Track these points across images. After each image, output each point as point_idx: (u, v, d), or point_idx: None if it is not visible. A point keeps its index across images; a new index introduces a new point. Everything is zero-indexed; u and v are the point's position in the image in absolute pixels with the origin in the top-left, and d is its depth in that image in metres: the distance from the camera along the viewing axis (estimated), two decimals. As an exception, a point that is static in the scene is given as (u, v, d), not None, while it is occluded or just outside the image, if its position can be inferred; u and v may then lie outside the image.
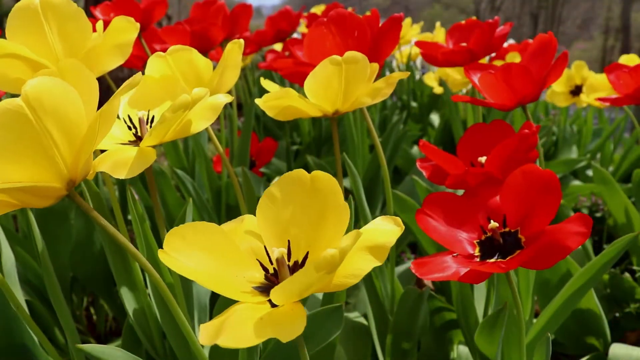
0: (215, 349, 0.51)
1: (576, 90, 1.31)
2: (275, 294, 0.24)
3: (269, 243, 0.30)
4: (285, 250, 0.29)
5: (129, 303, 0.53)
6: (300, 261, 0.29)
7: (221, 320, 0.25)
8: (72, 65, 0.30)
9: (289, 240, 0.30)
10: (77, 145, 0.28)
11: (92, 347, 0.36)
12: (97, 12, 0.80)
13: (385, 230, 0.27)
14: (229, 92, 0.54)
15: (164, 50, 0.49)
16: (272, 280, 0.29)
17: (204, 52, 0.86)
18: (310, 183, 0.30)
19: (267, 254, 0.30)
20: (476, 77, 0.55)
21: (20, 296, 0.47)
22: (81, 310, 0.81)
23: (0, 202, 0.28)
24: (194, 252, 0.28)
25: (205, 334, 0.24)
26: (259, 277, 0.29)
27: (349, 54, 0.44)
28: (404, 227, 0.28)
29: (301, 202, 0.30)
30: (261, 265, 0.30)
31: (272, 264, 0.29)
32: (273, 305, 0.26)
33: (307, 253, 0.29)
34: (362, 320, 0.65)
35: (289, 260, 0.29)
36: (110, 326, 0.85)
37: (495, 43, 0.71)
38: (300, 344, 0.28)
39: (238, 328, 0.24)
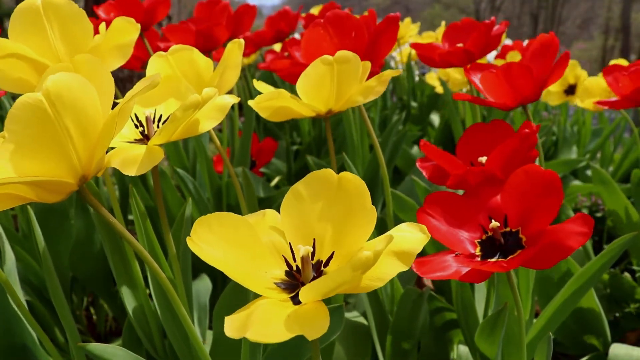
0: (216, 348, 0.52)
1: (570, 89, 1.31)
2: (306, 291, 0.24)
3: (292, 240, 0.30)
4: (311, 249, 0.29)
5: (129, 302, 0.53)
6: (324, 260, 0.29)
7: (246, 314, 0.25)
8: (87, 60, 0.31)
9: (314, 239, 0.30)
10: (92, 142, 0.29)
11: (94, 346, 0.36)
12: (100, 12, 0.80)
13: (412, 237, 0.28)
14: (231, 92, 0.54)
15: (167, 49, 0.49)
16: (294, 277, 0.29)
17: (208, 51, 0.86)
18: (338, 183, 0.30)
19: (291, 251, 0.30)
20: (477, 78, 0.55)
21: (20, 296, 0.47)
22: (81, 310, 0.81)
23: (11, 195, 0.28)
24: (220, 242, 0.28)
25: (232, 327, 0.24)
26: (280, 273, 0.29)
27: (340, 53, 0.44)
28: (430, 235, 0.28)
29: (327, 202, 0.30)
30: (286, 261, 0.30)
31: (295, 261, 0.30)
32: (295, 303, 0.26)
33: (333, 253, 0.29)
34: (362, 320, 0.65)
35: (312, 259, 0.29)
36: (110, 326, 0.85)
37: (492, 42, 0.71)
38: (314, 341, 0.28)
39: (265, 323, 0.24)
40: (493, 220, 0.38)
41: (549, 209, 0.36)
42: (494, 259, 0.37)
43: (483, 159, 0.48)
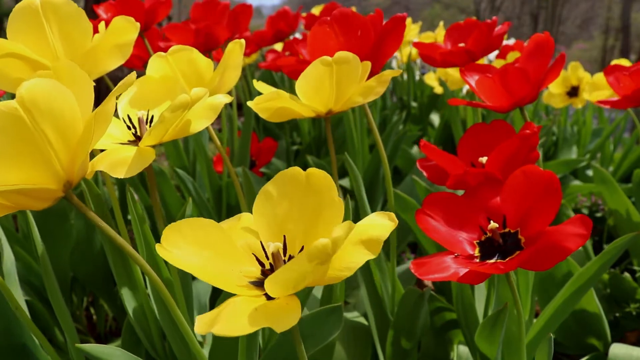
0: (214, 349, 0.51)
1: (572, 91, 1.31)
2: (270, 283, 0.25)
3: (265, 239, 0.31)
4: (281, 245, 0.29)
5: (129, 303, 0.53)
6: (295, 256, 0.30)
7: (217, 312, 0.25)
8: (67, 66, 0.30)
9: (284, 236, 0.30)
10: (73, 147, 0.28)
11: (92, 347, 0.36)
12: (100, 11, 0.80)
13: (379, 224, 0.28)
14: (229, 92, 0.54)
15: (167, 49, 0.49)
16: (268, 274, 0.29)
17: (208, 51, 0.86)
18: (306, 180, 0.30)
19: (264, 250, 0.30)
20: (472, 80, 0.55)
21: (20, 296, 0.47)
22: (81, 310, 0.81)
23: None
24: (191, 246, 0.28)
25: (201, 324, 0.24)
26: (256, 272, 0.30)
27: (340, 54, 0.44)
28: (397, 221, 0.28)
29: (297, 199, 0.31)
30: (257, 260, 0.30)
31: (268, 259, 0.30)
32: (269, 299, 0.27)
33: (302, 247, 0.30)
34: (362, 320, 0.65)
35: (284, 255, 0.30)
36: (110, 326, 0.85)
37: (494, 43, 0.71)
38: (297, 341, 0.29)
39: (233, 318, 0.24)
40: (492, 222, 0.38)
41: (548, 210, 0.35)
42: (492, 260, 0.36)
43: (484, 159, 0.48)
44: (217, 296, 0.70)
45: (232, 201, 0.87)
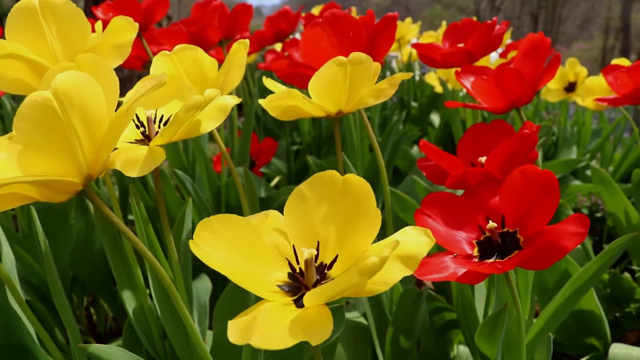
0: (216, 348, 0.52)
1: (570, 87, 1.31)
2: (312, 296, 0.24)
3: (295, 242, 0.30)
4: (315, 252, 0.28)
5: (129, 303, 0.53)
6: (327, 263, 0.29)
7: (250, 319, 0.24)
8: (91, 59, 0.30)
9: (318, 242, 0.30)
10: (98, 142, 0.29)
11: (94, 347, 0.36)
12: (98, 12, 0.80)
13: (417, 241, 0.28)
14: (231, 93, 0.54)
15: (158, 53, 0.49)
16: (297, 279, 0.29)
17: (203, 52, 0.86)
18: (342, 185, 0.30)
19: (295, 253, 0.30)
20: (467, 82, 0.55)
21: (20, 296, 0.47)
22: (81, 310, 0.81)
23: (17, 195, 0.28)
24: (223, 245, 0.27)
25: (236, 332, 0.24)
26: (282, 275, 0.29)
27: (354, 54, 0.44)
28: (435, 240, 0.28)
29: (332, 204, 0.30)
30: (289, 264, 0.29)
31: (298, 263, 0.29)
32: (299, 306, 0.26)
33: (337, 256, 0.29)
34: (362, 320, 0.65)
35: (315, 262, 0.29)
36: (110, 326, 0.85)
37: (493, 43, 0.71)
38: (315, 351, 0.28)
39: (269, 329, 0.24)
40: (490, 221, 0.38)
41: (546, 209, 0.35)
42: (491, 260, 0.37)
43: (483, 159, 0.48)
44: (217, 296, 0.70)
45: (231, 201, 0.87)
